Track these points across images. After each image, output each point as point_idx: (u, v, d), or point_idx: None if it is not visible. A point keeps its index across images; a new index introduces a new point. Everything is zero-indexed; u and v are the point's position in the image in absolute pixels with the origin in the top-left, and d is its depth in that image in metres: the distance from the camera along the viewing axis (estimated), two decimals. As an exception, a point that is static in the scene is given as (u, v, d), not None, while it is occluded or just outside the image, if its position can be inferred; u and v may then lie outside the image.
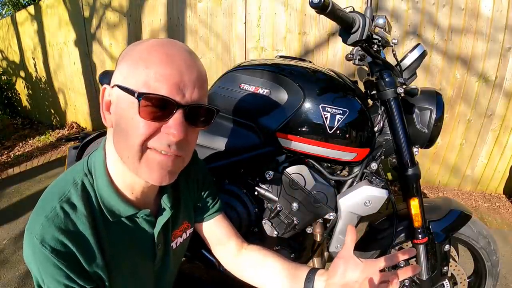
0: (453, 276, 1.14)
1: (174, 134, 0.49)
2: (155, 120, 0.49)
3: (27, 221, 0.54)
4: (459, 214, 1.04)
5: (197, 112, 0.53)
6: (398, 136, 0.92)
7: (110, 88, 0.53)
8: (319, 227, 1.09)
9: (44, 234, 0.50)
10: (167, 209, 0.65)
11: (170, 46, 0.51)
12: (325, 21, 2.48)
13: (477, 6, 2.14)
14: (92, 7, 3.64)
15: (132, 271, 0.63)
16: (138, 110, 0.48)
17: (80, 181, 0.56)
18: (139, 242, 0.63)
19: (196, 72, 0.52)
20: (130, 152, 0.51)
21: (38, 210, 0.53)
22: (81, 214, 0.54)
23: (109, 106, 0.54)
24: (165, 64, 0.49)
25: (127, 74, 0.50)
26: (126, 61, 0.51)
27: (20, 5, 6.72)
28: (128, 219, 0.60)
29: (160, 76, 0.48)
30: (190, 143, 0.56)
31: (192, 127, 0.53)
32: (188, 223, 0.76)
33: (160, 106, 0.48)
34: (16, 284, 1.65)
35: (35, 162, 3.45)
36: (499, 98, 2.28)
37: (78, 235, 0.53)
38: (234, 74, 1.05)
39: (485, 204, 2.42)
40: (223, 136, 1.06)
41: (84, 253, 0.53)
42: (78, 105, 4.45)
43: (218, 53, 2.97)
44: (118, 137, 0.53)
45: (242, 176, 1.10)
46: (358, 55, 1.05)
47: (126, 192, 0.59)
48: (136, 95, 0.47)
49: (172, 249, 0.72)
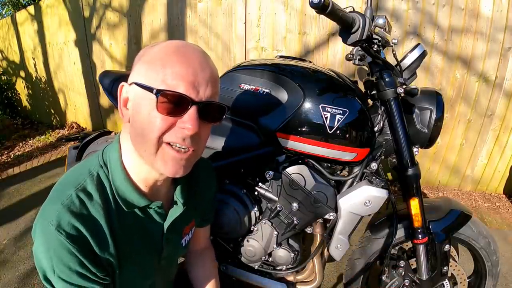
0: (453, 276, 1.14)
1: (188, 128, 0.53)
2: (171, 115, 0.52)
3: (27, 221, 0.54)
4: (459, 214, 1.04)
5: (209, 109, 0.56)
6: (398, 136, 0.92)
7: (128, 86, 0.57)
8: (319, 227, 1.09)
9: (60, 220, 0.51)
10: (179, 204, 0.68)
11: (185, 47, 0.55)
12: (325, 21, 2.48)
13: (477, 6, 2.14)
14: (92, 7, 3.64)
15: (141, 264, 0.66)
16: (156, 106, 0.51)
17: (96, 172, 0.59)
18: (149, 234, 0.66)
19: (209, 71, 0.56)
20: (147, 146, 0.54)
21: (53, 199, 0.55)
22: (96, 203, 0.56)
23: (126, 102, 0.58)
24: (181, 64, 0.53)
25: (145, 73, 0.54)
26: (144, 61, 0.55)
27: (20, 5, 6.71)
28: (141, 210, 0.63)
29: (177, 75, 0.52)
30: (202, 138, 0.59)
31: (204, 122, 0.57)
32: (194, 222, 0.81)
33: (176, 102, 0.52)
34: (16, 284, 1.65)
35: (35, 162, 3.45)
36: (499, 98, 2.28)
37: (92, 222, 0.55)
38: (234, 74, 1.05)
39: (485, 204, 2.42)
40: (223, 136, 1.06)
41: (97, 240, 0.55)
42: (78, 105, 4.45)
43: (218, 53, 2.97)
44: (135, 132, 0.56)
45: (242, 176, 1.10)
46: (358, 55, 1.05)
47: (140, 184, 0.62)
48: (154, 91, 0.51)
49: (182, 246, 0.76)
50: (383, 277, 1.08)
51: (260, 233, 1.08)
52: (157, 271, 0.72)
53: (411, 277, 1.06)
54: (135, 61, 0.58)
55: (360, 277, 1.16)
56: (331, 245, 1.02)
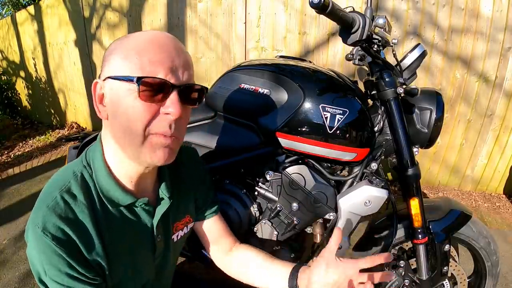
0: (453, 276, 1.14)
1: (172, 113, 0.53)
2: (154, 102, 0.52)
3: (27, 221, 0.54)
4: (459, 214, 1.04)
5: (189, 91, 0.57)
6: (398, 136, 0.92)
7: (102, 81, 0.55)
8: (319, 227, 1.09)
9: (46, 223, 0.51)
10: (166, 199, 0.67)
11: (157, 35, 0.55)
12: (325, 21, 2.48)
13: (477, 6, 2.14)
14: (92, 7, 3.64)
15: (133, 263, 0.65)
16: (138, 94, 0.50)
17: (80, 173, 0.58)
18: (139, 233, 0.65)
19: (184, 55, 0.56)
20: (132, 138, 0.54)
21: (40, 203, 0.55)
22: (81, 203, 0.56)
23: (102, 99, 0.56)
24: (157, 51, 0.52)
25: (120, 65, 0.53)
26: (116, 54, 0.54)
27: (20, 5, 6.72)
28: (128, 208, 0.62)
29: (155, 61, 0.52)
30: (184, 122, 0.60)
31: (185, 105, 0.57)
32: (190, 218, 0.78)
33: (157, 89, 0.52)
34: (16, 284, 1.65)
35: (35, 162, 3.45)
36: (499, 98, 2.28)
37: (78, 223, 0.55)
38: (234, 74, 1.05)
39: (485, 204, 2.42)
40: (223, 136, 1.06)
41: (84, 241, 0.55)
42: (78, 105, 4.45)
43: (218, 53, 2.97)
44: (118, 126, 0.55)
45: (242, 176, 1.10)
46: (358, 55, 1.05)
47: (125, 181, 0.61)
48: (135, 80, 0.50)
49: (173, 242, 0.74)
50: (383, 277, 1.08)
51: (260, 233, 1.08)
52: (152, 270, 0.71)
53: (411, 277, 1.06)
54: (105, 56, 0.56)
55: (360, 277, 1.16)
56: (331, 245, 1.02)
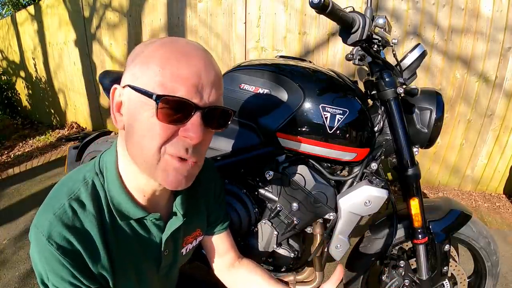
0: (453, 276, 1.14)
1: (192, 137, 0.48)
2: (172, 123, 0.47)
3: (27, 221, 0.54)
4: (459, 214, 1.04)
5: (214, 114, 0.50)
6: (398, 136, 0.92)
7: (121, 88, 0.51)
8: (319, 227, 1.09)
9: (51, 231, 0.49)
10: (179, 215, 0.64)
11: (186, 45, 0.49)
12: (325, 21, 2.48)
13: (477, 6, 2.14)
14: (92, 7, 3.64)
15: (138, 275, 0.62)
16: (156, 113, 0.45)
17: (91, 181, 0.55)
18: (147, 246, 0.62)
19: (214, 72, 0.50)
20: (146, 156, 0.49)
21: (46, 207, 0.53)
22: (89, 213, 0.53)
23: (120, 107, 0.52)
24: (182, 64, 0.46)
25: (140, 74, 0.48)
26: (138, 61, 0.49)
27: (20, 5, 6.71)
28: (137, 222, 0.59)
29: (178, 77, 0.46)
30: (204, 145, 0.54)
31: (208, 129, 0.51)
32: (200, 231, 0.76)
33: (178, 108, 0.46)
34: (16, 284, 1.65)
35: (35, 162, 3.45)
36: (499, 98, 2.28)
37: (85, 234, 0.52)
38: (234, 74, 1.05)
39: (485, 204, 2.42)
40: (223, 136, 1.06)
41: (90, 252, 0.53)
42: (78, 105, 4.45)
43: (218, 53, 2.97)
44: (131, 140, 0.50)
45: (242, 176, 1.10)
46: (358, 55, 1.05)
47: (137, 195, 0.58)
48: (154, 97, 0.45)
49: (182, 255, 0.72)
50: (383, 277, 1.08)
51: (260, 233, 1.08)
52: (155, 280, 0.69)
53: (411, 277, 1.06)
54: (128, 60, 0.51)
55: (360, 277, 1.16)
56: (331, 245, 1.02)
